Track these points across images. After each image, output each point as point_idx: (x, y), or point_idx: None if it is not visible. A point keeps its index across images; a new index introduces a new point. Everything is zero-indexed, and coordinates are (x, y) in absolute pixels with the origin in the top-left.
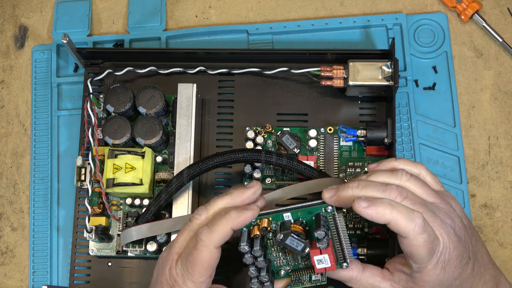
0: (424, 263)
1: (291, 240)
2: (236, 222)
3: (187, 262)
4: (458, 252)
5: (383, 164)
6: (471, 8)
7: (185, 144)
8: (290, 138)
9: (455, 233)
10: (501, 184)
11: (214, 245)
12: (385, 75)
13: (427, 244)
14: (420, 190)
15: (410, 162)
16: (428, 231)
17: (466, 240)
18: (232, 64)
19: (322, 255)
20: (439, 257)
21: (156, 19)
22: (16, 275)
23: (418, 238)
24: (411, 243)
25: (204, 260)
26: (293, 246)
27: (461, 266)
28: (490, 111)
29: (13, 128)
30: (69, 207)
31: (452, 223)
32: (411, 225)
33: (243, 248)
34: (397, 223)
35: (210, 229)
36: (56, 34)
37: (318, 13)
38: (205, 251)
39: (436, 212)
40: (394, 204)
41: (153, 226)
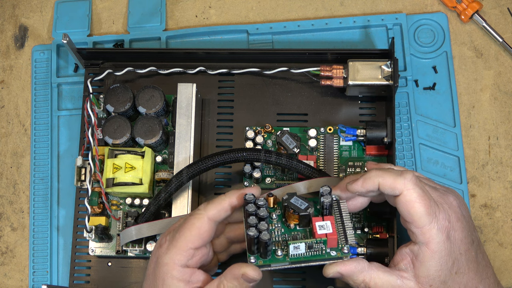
0: (426, 224)
1: (296, 199)
2: (234, 198)
3: (177, 230)
4: (462, 225)
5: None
6: (471, 8)
7: (185, 144)
8: (290, 137)
9: (459, 207)
10: (501, 184)
11: (208, 216)
12: (385, 74)
13: (422, 199)
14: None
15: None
16: (423, 188)
17: (469, 221)
18: (232, 64)
19: (324, 221)
20: (443, 223)
21: (156, 19)
22: (16, 275)
23: (411, 192)
24: (405, 199)
25: (194, 225)
26: (296, 205)
27: (466, 242)
28: (490, 111)
29: (13, 128)
30: (69, 207)
31: (456, 200)
32: (400, 180)
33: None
34: (386, 182)
35: (208, 202)
36: (56, 34)
37: (318, 13)
38: (197, 218)
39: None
40: (382, 169)
41: (152, 226)
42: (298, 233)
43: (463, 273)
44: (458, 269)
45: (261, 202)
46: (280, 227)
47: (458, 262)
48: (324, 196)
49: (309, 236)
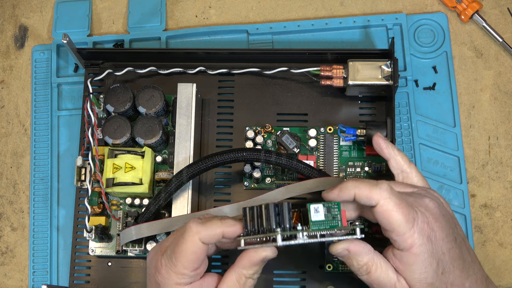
0: (406, 230)
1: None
2: (229, 229)
3: (172, 253)
4: (441, 224)
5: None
6: (471, 8)
7: (184, 144)
8: (290, 137)
9: (436, 208)
10: (501, 184)
11: (201, 238)
12: (385, 74)
13: (399, 207)
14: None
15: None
16: (399, 196)
17: (450, 220)
18: (232, 64)
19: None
20: (422, 226)
21: (156, 19)
22: (16, 275)
23: (388, 202)
24: (382, 208)
25: (189, 250)
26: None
27: (448, 240)
28: (490, 111)
29: (13, 128)
30: (69, 207)
31: (432, 201)
32: (376, 190)
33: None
34: (362, 193)
35: (202, 222)
36: (56, 34)
37: (318, 13)
38: (190, 241)
39: (411, 195)
40: (358, 179)
41: (152, 226)
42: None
43: (448, 272)
44: (444, 269)
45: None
46: None
47: (442, 262)
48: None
49: None
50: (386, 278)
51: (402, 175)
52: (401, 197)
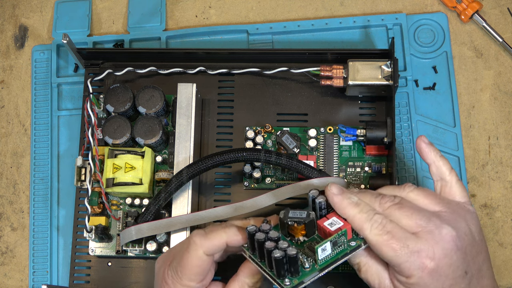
0: (401, 263)
1: (293, 212)
2: (233, 239)
3: (178, 265)
4: (451, 261)
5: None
6: (471, 8)
7: (185, 144)
8: (290, 137)
9: (450, 240)
10: (501, 184)
11: (205, 251)
12: (385, 74)
13: (389, 243)
14: (425, 200)
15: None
16: (391, 231)
17: (467, 252)
18: (232, 64)
19: (330, 219)
20: (423, 261)
21: (156, 19)
22: (16, 275)
23: (376, 238)
24: (371, 244)
25: (193, 264)
26: (297, 216)
27: (453, 277)
28: (490, 111)
29: (13, 128)
30: (69, 207)
31: (453, 231)
32: (366, 225)
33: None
34: (355, 222)
35: (206, 233)
36: (56, 34)
37: (318, 13)
38: (194, 255)
39: (431, 219)
40: (359, 204)
41: (152, 226)
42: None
43: None
44: None
45: (266, 227)
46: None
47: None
48: (317, 198)
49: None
50: (375, 281)
51: (440, 183)
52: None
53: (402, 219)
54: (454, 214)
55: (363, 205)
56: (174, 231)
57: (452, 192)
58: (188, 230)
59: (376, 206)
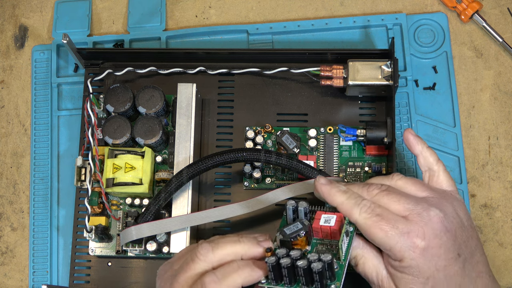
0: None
1: (288, 229)
2: (248, 280)
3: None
4: (441, 241)
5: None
6: (471, 8)
7: (185, 144)
8: (290, 137)
9: (439, 222)
10: (501, 184)
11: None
12: (385, 74)
13: (379, 225)
14: (413, 187)
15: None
16: (380, 214)
17: (457, 235)
18: (232, 64)
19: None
20: (414, 241)
21: (156, 19)
22: (16, 275)
23: (366, 221)
24: (361, 227)
25: None
26: (295, 230)
27: (446, 258)
28: (490, 111)
29: (13, 128)
30: (69, 207)
31: (440, 213)
32: (356, 209)
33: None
34: (344, 208)
35: (220, 281)
36: (56, 34)
37: (318, 13)
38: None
39: (419, 202)
40: (347, 191)
41: (152, 226)
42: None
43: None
44: (434, 284)
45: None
46: None
47: (433, 278)
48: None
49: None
50: (372, 274)
51: (429, 173)
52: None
53: (391, 204)
54: (441, 200)
55: (350, 192)
56: (174, 231)
57: (440, 181)
58: (188, 230)
59: (364, 194)
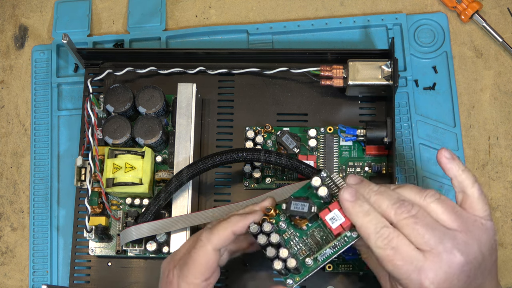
0: (400, 278)
1: (295, 204)
2: (237, 226)
3: (184, 264)
4: (450, 285)
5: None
6: (471, 8)
7: (185, 144)
8: (290, 137)
9: (457, 268)
10: (501, 184)
11: (212, 246)
12: (385, 74)
13: (391, 259)
14: (444, 216)
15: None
16: (396, 248)
17: (471, 275)
18: (232, 64)
19: (332, 211)
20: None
21: (156, 19)
22: (16, 275)
23: (380, 251)
24: (374, 254)
25: (200, 260)
26: (299, 210)
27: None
28: (490, 111)
29: (13, 128)
30: (69, 207)
31: (461, 257)
32: (373, 237)
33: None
34: (362, 230)
35: (211, 230)
36: (56, 34)
37: (318, 13)
38: (202, 250)
39: (443, 240)
40: (369, 213)
41: (152, 226)
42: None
43: None
44: None
45: (267, 228)
46: (294, 232)
47: None
48: (318, 190)
49: (324, 227)
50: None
51: (462, 195)
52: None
53: (413, 236)
54: (468, 236)
55: (373, 215)
56: (174, 231)
57: (473, 206)
58: (188, 230)
59: (392, 214)
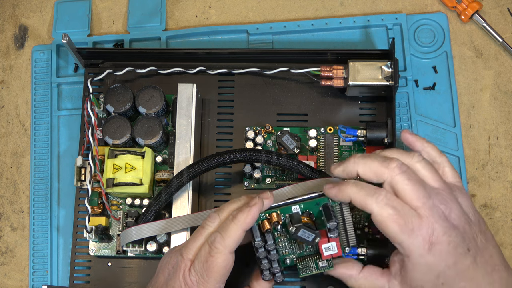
0: (403, 240)
1: (303, 232)
2: (246, 223)
3: (203, 270)
4: (450, 238)
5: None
6: (471, 8)
7: (185, 144)
8: (290, 138)
9: (447, 219)
10: (501, 184)
11: (229, 251)
12: (385, 75)
13: (394, 219)
14: (428, 174)
15: (437, 150)
16: (395, 207)
17: (466, 230)
18: (232, 64)
19: (330, 243)
20: (424, 237)
21: (156, 19)
22: (16, 275)
23: (382, 212)
24: (376, 218)
25: (220, 266)
26: (304, 238)
27: (455, 254)
28: (490, 111)
29: (13, 128)
30: (69, 207)
31: (447, 209)
32: (371, 199)
33: (258, 243)
34: (358, 198)
35: (223, 235)
36: (56, 34)
37: (318, 13)
38: (220, 257)
39: (431, 195)
40: (358, 183)
41: (153, 226)
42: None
43: (451, 283)
44: (445, 281)
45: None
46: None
47: (444, 274)
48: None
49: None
50: None
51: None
52: (403, 207)
53: (407, 192)
54: (450, 195)
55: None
56: (174, 232)
57: (445, 173)
58: (188, 230)
59: (384, 172)
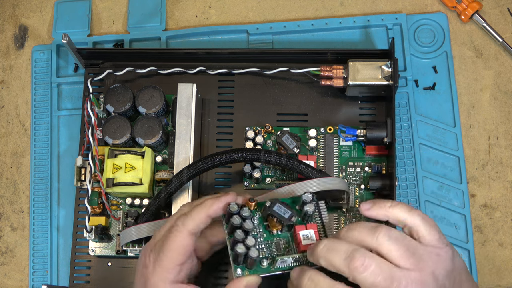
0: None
1: (279, 207)
2: (212, 209)
3: (160, 249)
4: None
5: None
6: (471, 8)
7: (185, 144)
8: (290, 138)
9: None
10: (501, 184)
11: (188, 230)
12: (385, 74)
13: None
14: (397, 253)
15: (406, 209)
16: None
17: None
18: (232, 64)
19: (308, 230)
20: None
21: (156, 19)
22: (16, 275)
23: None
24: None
25: (176, 244)
26: (280, 214)
27: None
28: (490, 111)
29: (13, 128)
30: (69, 207)
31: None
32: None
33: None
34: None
35: (186, 215)
36: (56, 34)
37: (318, 13)
38: (178, 236)
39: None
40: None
41: (152, 226)
42: (280, 239)
43: None
44: None
45: (246, 213)
46: (262, 232)
47: None
48: (307, 204)
49: (291, 241)
50: None
51: (407, 230)
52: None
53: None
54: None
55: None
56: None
57: (421, 235)
58: None
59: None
